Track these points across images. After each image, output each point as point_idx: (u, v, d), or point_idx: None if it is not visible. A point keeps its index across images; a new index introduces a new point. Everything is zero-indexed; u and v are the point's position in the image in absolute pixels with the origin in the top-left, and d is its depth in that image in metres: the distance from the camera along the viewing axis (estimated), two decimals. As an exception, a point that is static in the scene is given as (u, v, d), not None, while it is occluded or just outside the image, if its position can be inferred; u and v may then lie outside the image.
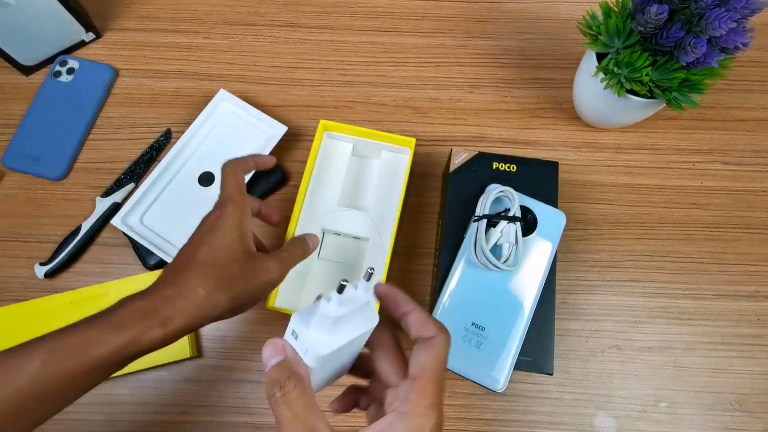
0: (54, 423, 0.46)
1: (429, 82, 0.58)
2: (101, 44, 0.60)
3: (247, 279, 0.34)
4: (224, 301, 0.32)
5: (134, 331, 0.30)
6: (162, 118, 0.56)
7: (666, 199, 0.53)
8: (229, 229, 0.35)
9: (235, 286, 0.33)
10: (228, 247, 0.34)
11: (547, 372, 0.41)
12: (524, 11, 0.61)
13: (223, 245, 0.34)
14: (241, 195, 0.37)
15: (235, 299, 0.33)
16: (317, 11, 0.61)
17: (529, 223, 0.43)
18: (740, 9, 0.38)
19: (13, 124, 0.55)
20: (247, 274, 0.34)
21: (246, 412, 0.46)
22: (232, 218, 0.36)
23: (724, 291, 0.49)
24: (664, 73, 0.43)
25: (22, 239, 0.52)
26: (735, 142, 0.55)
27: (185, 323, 0.31)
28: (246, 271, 0.34)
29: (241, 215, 0.36)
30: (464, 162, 0.46)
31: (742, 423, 0.46)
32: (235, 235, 0.35)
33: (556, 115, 0.56)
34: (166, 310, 0.31)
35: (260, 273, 0.35)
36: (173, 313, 0.31)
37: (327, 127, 0.50)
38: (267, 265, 0.35)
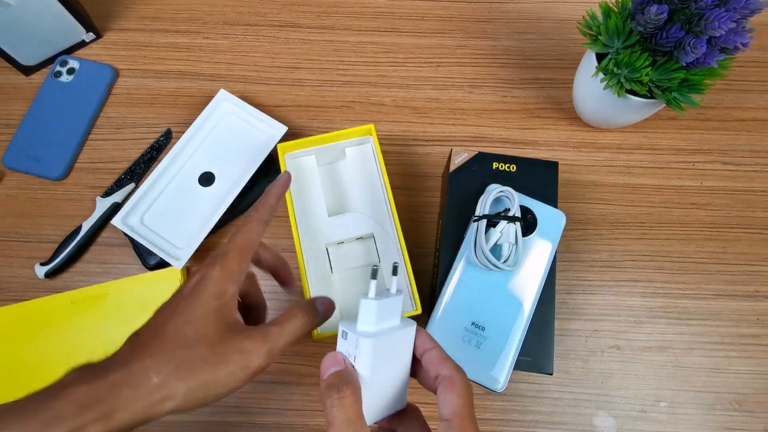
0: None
1: (429, 82, 0.58)
2: (101, 44, 0.60)
3: (216, 364, 0.27)
4: (179, 392, 0.26)
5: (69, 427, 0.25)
6: (162, 118, 0.56)
7: (666, 199, 0.53)
8: (208, 297, 0.29)
9: (197, 373, 0.27)
10: (199, 322, 0.28)
11: (547, 372, 0.41)
12: (524, 11, 0.61)
13: (194, 318, 0.28)
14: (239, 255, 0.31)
15: (193, 390, 0.27)
16: (317, 11, 0.61)
17: (529, 223, 0.43)
18: (740, 9, 0.38)
19: (14, 124, 0.55)
20: (216, 358, 0.28)
21: (246, 412, 0.46)
22: (213, 284, 0.29)
23: (723, 291, 0.49)
24: (663, 73, 0.43)
25: (22, 239, 0.52)
26: (735, 142, 0.55)
27: (129, 419, 0.26)
28: (215, 355, 0.28)
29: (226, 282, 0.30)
30: (464, 162, 0.46)
31: (742, 423, 0.46)
32: (211, 307, 0.29)
33: (556, 115, 0.56)
34: (107, 402, 0.25)
35: (232, 356, 0.28)
36: (115, 405, 0.25)
37: (285, 150, 0.48)
38: (243, 345, 0.28)
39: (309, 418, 0.46)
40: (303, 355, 0.48)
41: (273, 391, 0.47)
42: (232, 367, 0.28)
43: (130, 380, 0.26)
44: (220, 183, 0.51)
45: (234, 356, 0.28)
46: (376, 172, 0.48)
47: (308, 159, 0.49)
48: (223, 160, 0.52)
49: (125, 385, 0.26)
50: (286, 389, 0.47)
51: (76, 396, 0.25)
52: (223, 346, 0.28)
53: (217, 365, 0.28)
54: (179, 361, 0.27)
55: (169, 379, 0.26)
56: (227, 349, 0.28)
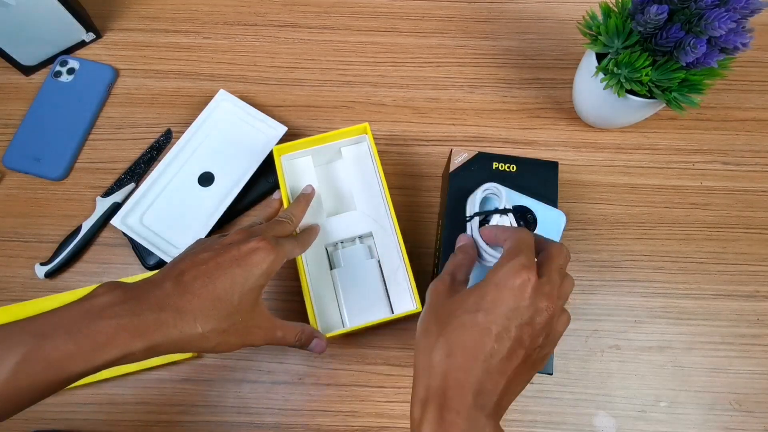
0: (54, 423, 0.46)
1: (429, 82, 0.58)
2: (101, 44, 0.60)
3: (243, 334, 0.34)
4: (211, 345, 0.32)
5: (117, 352, 0.28)
6: (162, 118, 0.56)
7: (666, 199, 0.53)
8: (260, 273, 0.34)
9: (229, 336, 0.33)
10: (246, 294, 0.33)
11: (547, 372, 0.41)
12: (524, 11, 0.61)
13: (243, 289, 0.33)
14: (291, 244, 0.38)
15: (219, 346, 0.33)
16: (317, 11, 0.61)
17: (529, 223, 0.43)
18: (740, 9, 0.38)
19: (14, 124, 0.55)
20: (245, 330, 0.34)
21: (246, 412, 0.46)
22: (270, 265, 0.34)
23: (723, 291, 0.49)
24: (663, 73, 0.43)
25: (22, 239, 0.52)
26: (735, 142, 0.55)
27: (165, 351, 0.30)
28: (245, 327, 0.34)
29: (278, 266, 0.35)
30: (464, 162, 0.46)
31: (742, 423, 0.46)
32: (259, 283, 0.34)
33: (556, 115, 0.56)
34: (156, 337, 0.29)
35: (256, 333, 0.35)
36: (162, 342, 0.30)
37: (281, 152, 0.48)
38: (263, 324, 0.35)
39: (309, 418, 0.46)
40: (303, 355, 0.48)
41: (272, 391, 0.47)
42: (251, 336, 0.34)
43: (179, 323, 0.30)
44: (219, 183, 0.51)
45: (254, 330, 0.34)
46: (373, 171, 0.48)
47: (304, 160, 0.49)
48: (223, 160, 0.52)
49: (173, 326, 0.30)
50: (286, 389, 0.47)
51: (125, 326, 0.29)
52: (253, 321, 0.34)
53: (244, 335, 0.34)
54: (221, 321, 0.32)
55: (210, 333, 0.31)
56: (256, 325, 0.35)
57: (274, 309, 0.49)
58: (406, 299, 0.44)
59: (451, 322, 0.31)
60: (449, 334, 0.30)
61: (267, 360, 0.48)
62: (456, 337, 0.30)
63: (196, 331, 0.31)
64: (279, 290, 0.50)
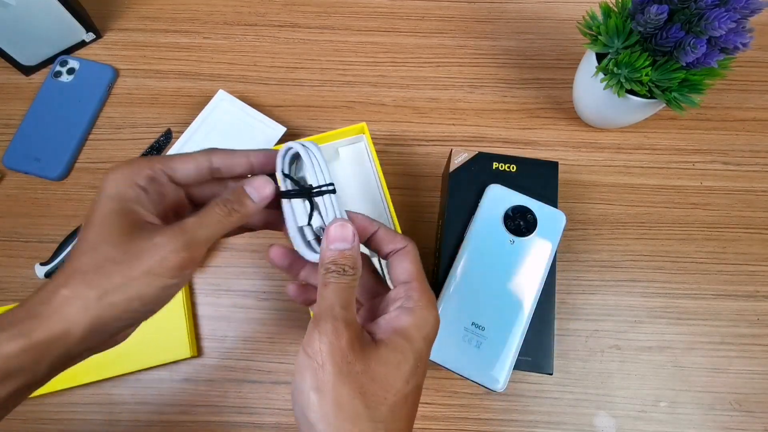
0: (54, 423, 0.46)
1: (429, 82, 0.58)
2: (101, 44, 0.60)
3: (127, 262, 0.24)
4: (91, 298, 0.24)
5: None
6: (162, 118, 0.56)
7: (666, 199, 0.53)
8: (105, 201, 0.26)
9: (108, 275, 0.24)
10: (99, 226, 0.25)
11: (547, 372, 0.41)
12: (524, 11, 0.61)
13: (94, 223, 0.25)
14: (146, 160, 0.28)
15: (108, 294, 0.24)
16: (317, 11, 0.61)
17: (529, 223, 0.43)
18: (740, 9, 0.38)
19: (14, 124, 0.55)
20: (126, 257, 0.25)
21: (246, 412, 0.46)
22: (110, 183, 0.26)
23: (723, 291, 0.49)
24: (663, 73, 0.43)
25: (22, 239, 0.52)
26: (735, 142, 0.55)
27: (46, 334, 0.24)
28: (124, 254, 0.25)
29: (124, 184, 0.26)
30: (464, 162, 0.46)
31: (742, 423, 0.46)
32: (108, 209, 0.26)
33: (556, 115, 0.56)
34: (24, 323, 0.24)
35: (145, 253, 0.25)
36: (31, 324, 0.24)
37: None
38: (155, 239, 0.25)
39: (309, 418, 0.46)
40: (303, 355, 0.48)
41: (273, 391, 0.47)
42: (147, 264, 0.25)
43: (43, 297, 0.24)
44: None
45: (146, 252, 0.25)
46: (371, 171, 0.48)
47: None
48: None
49: (39, 303, 0.24)
50: (286, 389, 0.47)
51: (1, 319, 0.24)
52: (133, 243, 0.25)
53: (130, 263, 0.25)
54: (86, 268, 0.24)
55: (78, 288, 0.24)
56: (138, 246, 0.25)
57: (275, 309, 0.49)
58: None
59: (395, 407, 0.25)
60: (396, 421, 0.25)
61: (267, 360, 0.48)
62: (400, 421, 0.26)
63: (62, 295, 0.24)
64: (281, 291, 0.50)
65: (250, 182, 0.29)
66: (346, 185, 0.49)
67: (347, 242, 0.27)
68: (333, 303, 0.26)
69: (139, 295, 0.25)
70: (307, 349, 0.25)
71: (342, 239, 0.27)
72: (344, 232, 0.28)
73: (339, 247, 0.27)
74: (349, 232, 0.28)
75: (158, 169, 0.28)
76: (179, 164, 0.28)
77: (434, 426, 0.46)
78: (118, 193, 0.26)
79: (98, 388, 0.47)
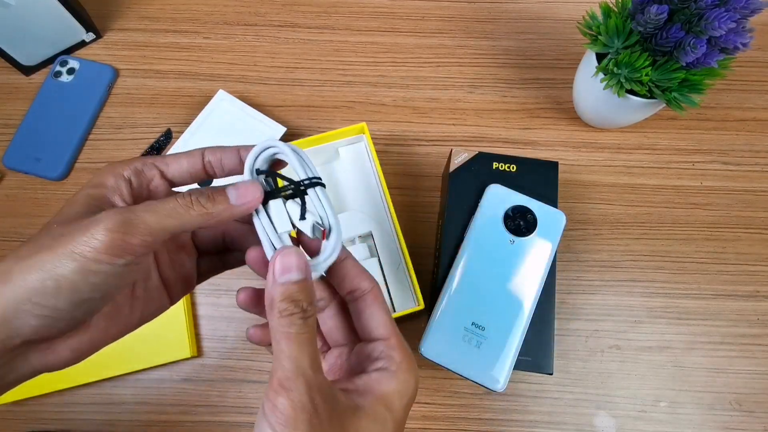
0: (54, 423, 0.46)
1: (429, 82, 0.58)
2: (101, 44, 0.60)
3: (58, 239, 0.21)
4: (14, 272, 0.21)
5: None
6: (162, 118, 0.56)
7: (666, 199, 0.53)
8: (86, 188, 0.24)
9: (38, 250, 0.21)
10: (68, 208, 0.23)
11: (547, 372, 0.41)
12: (524, 11, 0.61)
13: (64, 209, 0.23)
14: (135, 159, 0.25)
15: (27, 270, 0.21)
16: (317, 11, 0.61)
17: (529, 223, 0.43)
18: (740, 9, 0.38)
19: (14, 124, 0.55)
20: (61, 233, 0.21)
21: (246, 412, 0.46)
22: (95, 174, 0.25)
23: (723, 291, 0.49)
24: (663, 73, 0.43)
25: (22, 239, 0.52)
26: (735, 142, 0.55)
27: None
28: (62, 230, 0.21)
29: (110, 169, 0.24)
30: (464, 162, 0.46)
31: (742, 423, 0.46)
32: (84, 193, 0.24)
33: (556, 115, 0.56)
34: None
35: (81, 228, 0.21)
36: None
37: None
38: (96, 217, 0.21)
39: (309, 418, 0.46)
40: (303, 355, 0.48)
41: (273, 391, 0.47)
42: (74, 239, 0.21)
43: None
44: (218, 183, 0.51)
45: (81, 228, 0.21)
46: (372, 171, 0.48)
47: None
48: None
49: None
50: (286, 389, 0.47)
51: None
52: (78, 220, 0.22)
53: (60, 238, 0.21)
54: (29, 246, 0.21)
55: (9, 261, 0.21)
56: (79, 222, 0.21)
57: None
58: (408, 297, 0.44)
59: None
60: None
61: (267, 360, 0.48)
62: None
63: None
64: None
65: (236, 184, 0.25)
66: (346, 185, 0.49)
67: (300, 271, 0.22)
68: (300, 362, 0.21)
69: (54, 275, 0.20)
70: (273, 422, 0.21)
71: (296, 267, 0.22)
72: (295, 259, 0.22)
73: (292, 278, 0.22)
74: (302, 259, 0.22)
75: (149, 164, 0.25)
76: (172, 159, 0.26)
77: (434, 426, 0.46)
78: (100, 182, 0.24)
79: (98, 388, 0.47)
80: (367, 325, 0.26)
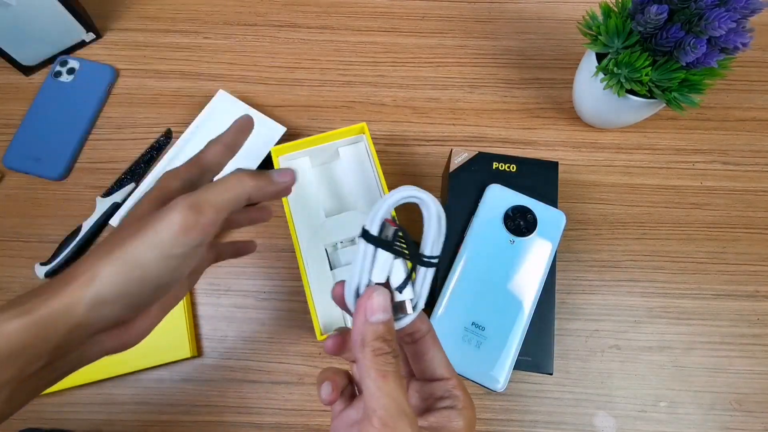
0: (54, 423, 0.46)
1: (429, 82, 0.58)
2: (102, 44, 0.60)
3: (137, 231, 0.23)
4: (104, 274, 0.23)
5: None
6: (162, 118, 0.56)
7: (666, 199, 0.53)
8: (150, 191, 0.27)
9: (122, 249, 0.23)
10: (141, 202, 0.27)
11: (547, 372, 0.41)
12: (524, 11, 0.61)
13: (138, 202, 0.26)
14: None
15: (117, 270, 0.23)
16: (317, 11, 0.61)
17: (529, 223, 0.43)
18: (740, 9, 0.38)
19: (14, 124, 0.55)
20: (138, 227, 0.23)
21: (246, 412, 0.46)
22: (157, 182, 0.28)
23: (723, 291, 0.49)
24: (663, 73, 0.43)
25: (22, 239, 0.52)
26: (735, 142, 0.55)
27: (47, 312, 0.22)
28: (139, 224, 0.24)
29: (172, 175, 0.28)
30: (464, 162, 0.46)
31: (742, 423, 0.46)
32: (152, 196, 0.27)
33: (556, 115, 0.56)
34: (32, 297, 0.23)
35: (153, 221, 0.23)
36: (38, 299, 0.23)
37: (279, 153, 0.48)
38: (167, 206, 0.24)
39: (309, 418, 0.46)
40: (303, 355, 0.48)
41: (273, 391, 0.47)
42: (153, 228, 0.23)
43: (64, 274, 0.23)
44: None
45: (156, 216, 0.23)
46: (372, 171, 0.48)
47: (302, 161, 0.49)
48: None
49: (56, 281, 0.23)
50: (286, 389, 0.47)
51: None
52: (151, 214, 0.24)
53: (139, 230, 0.23)
54: (109, 244, 0.24)
55: (96, 263, 0.23)
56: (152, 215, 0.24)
57: (277, 309, 0.49)
58: None
59: None
60: None
61: (267, 360, 0.48)
62: None
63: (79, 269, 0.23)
64: (281, 291, 0.50)
65: (276, 171, 0.29)
66: (346, 185, 0.49)
67: (387, 311, 0.23)
68: (400, 401, 0.21)
69: (140, 264, 0.23)
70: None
71: (382, 308, 0.23)
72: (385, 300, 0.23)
73: (382, 318, 0.23)
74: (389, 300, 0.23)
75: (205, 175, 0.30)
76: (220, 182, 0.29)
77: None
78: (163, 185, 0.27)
79: (98, 388, 0.47)
80: (430, 366, 0.27)
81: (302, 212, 0.47)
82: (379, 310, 0.23)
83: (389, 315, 0.23)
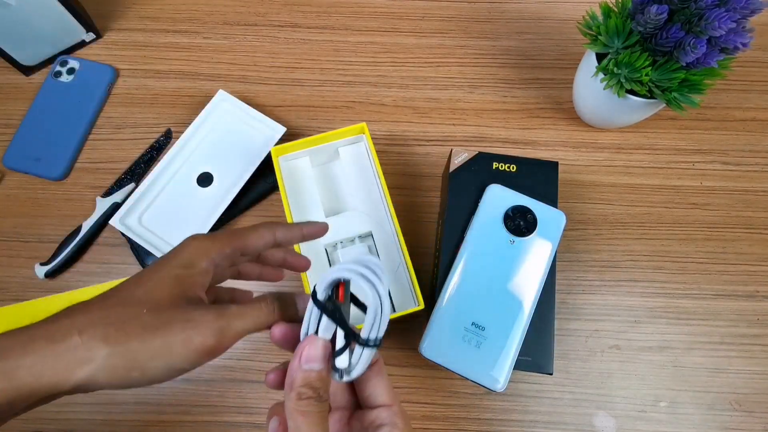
0: (54, 423, 0.46)
1: (429, 82, 0.58)
2: (102, 44, 0.60)
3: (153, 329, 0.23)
4: (99, 356, 0.22)
5: None
6: (162, 118, 0.56)
7: (666, 199, 0.53)
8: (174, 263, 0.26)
9: (128, 337, 0.22)
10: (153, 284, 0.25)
11: (547, 372, 0.41)
12: (524, 11, 0.61)
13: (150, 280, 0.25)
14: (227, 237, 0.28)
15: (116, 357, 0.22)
16: (317, 11, 0.61)
17: (529, 223, 0.43)
18: (740, 9, 0.38)
19: (14, 124, 0.55)
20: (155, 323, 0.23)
21: (246, 412, 0.46)
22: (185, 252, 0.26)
23: (723, 291, 0.49)
24: (663, 74, 0.43)
25: (22, 239, 0.52)
26: (735, 142, 0.55)
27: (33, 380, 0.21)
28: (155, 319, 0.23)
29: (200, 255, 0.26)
30: (464, 162, 0.46)
31: (742, 423, 0.46)
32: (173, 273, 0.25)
33: (556, 115, 0.56)
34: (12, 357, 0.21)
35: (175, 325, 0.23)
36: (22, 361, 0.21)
37: (279, 153, 0.48)
38: (191, 315, 0.24)
39: (309, 418, 0.46)
40: (303, 355, 0.48)
41: (273, 391, 0.47)
42: (170, 338, 0.23)
43: (50, 333, 0.22)
44: (218, 183, 0.51)
45: (177, 325, 0.23)
46: (372, 171, 0.48)
47: (302, 161, 0.49)
48: (222, 160, 0.52)
49: (42, 338, 0.22)
50: (286, 389, 0.47)
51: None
52: (169, 312, 0.23)
53: (154, 331, 0.23)
54: (112, 321, 0.23)
55: (93, 338, 0.22)
56: (172, 317, 0.23)
57: (274, 309, 0.49)
58: (408, 297, 0.44)
59: None
60: None
61: (267, 360, 0.48)
62: None
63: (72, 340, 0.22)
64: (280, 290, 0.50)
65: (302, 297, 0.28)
66: (346, 185, 0.49)
67: (320, 362, 0.24)
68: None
69: (140, 366, 0.22)
70: None
71: (320, 359, 0.24)
72: (320, 351, 0.24)
73: (314, 367, 0.24)
74: (325, 351, 0.24)
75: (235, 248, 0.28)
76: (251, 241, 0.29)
77: (434, 426, 0.46)
78: (191, 261, 0.26)
79: (98, 388, 0.47)
80: (372, 393, 0.27)
81: (302, 212, 0.47)
82: (314, 360, 0.24)
83: (323, 365, 0.24)
